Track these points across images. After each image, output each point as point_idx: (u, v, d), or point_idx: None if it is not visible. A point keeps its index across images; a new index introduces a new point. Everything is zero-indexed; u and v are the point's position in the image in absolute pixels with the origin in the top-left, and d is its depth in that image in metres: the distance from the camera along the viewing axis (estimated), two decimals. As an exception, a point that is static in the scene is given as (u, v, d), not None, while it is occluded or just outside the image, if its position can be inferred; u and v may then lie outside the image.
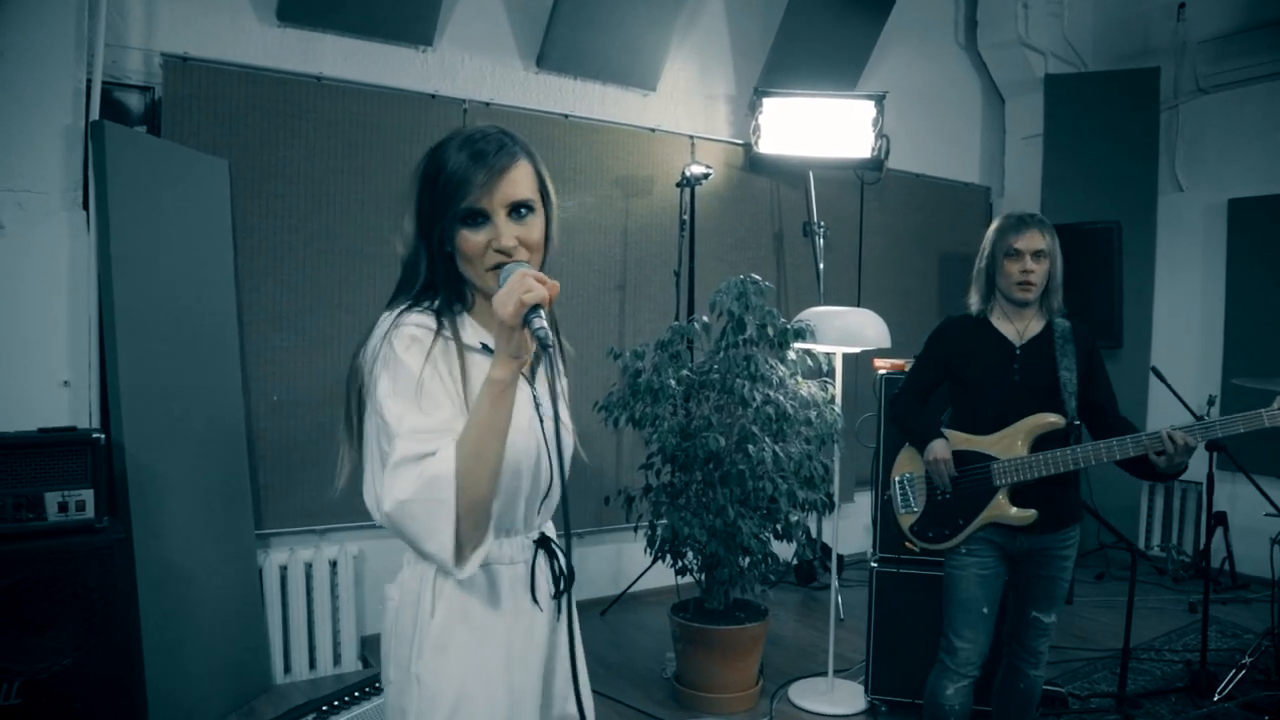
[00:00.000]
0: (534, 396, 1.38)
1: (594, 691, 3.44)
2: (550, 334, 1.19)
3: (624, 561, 4.66)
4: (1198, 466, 4.09)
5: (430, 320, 1.29)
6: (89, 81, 3.08)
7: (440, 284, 1.33)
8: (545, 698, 1.43)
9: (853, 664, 3.70)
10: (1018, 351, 2.56)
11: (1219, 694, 3.34)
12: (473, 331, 1.33)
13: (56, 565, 2.36)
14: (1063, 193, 5.71)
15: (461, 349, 1.30)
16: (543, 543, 1.42)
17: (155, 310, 3.05)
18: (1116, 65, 5.88)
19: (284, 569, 3.59)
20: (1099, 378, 2.59)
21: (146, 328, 2.99)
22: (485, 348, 1.32)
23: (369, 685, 2.44)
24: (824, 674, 3.54)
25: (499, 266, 1.28)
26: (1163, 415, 4.85)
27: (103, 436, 2.54)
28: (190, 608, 3.02)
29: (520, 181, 1.31)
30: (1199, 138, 5.64)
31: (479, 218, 1.28)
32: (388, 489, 1.19)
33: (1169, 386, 3.62)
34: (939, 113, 5.98)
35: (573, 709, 1.44)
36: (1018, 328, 2.61)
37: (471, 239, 1.28)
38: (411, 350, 1.25)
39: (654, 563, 3.52)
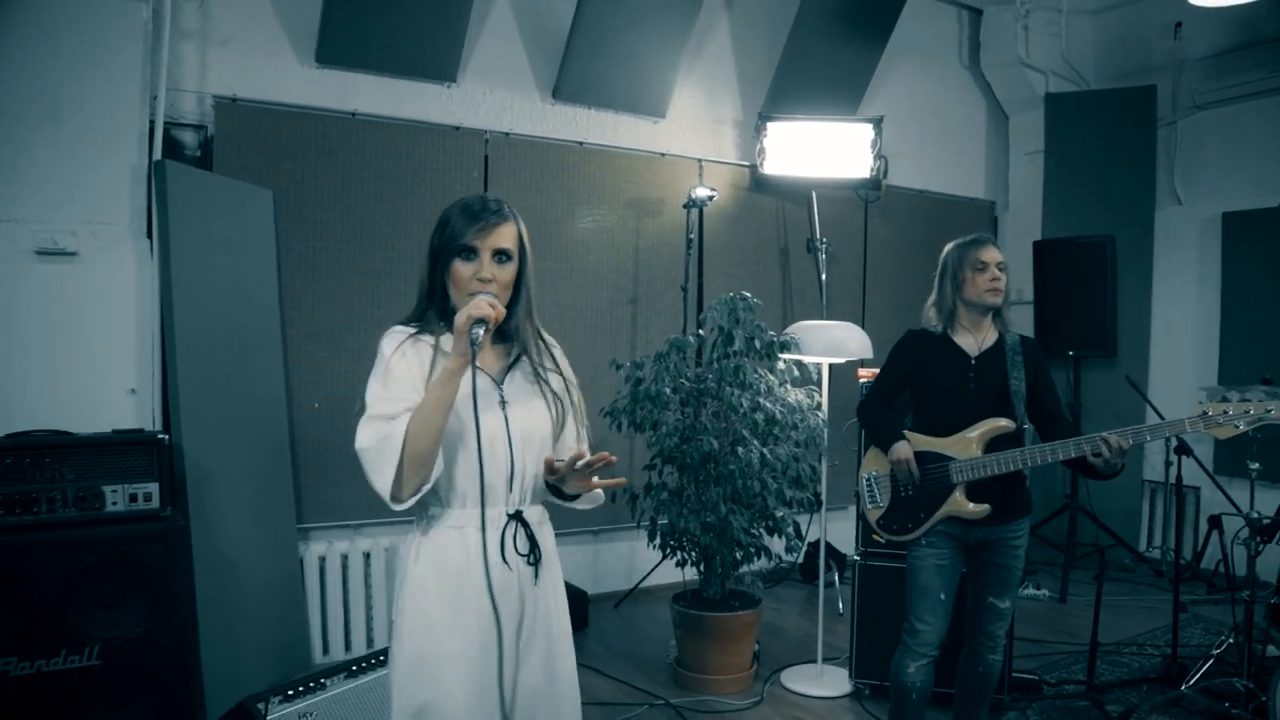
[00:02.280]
0: (502, 395, 1.74)
1: (602, 674, 3.79)
2: (479, 339, 1.59)
3: (636, 558, 4.98)
4: (1191, 471, 4.32)
5: (411, 329, 1.74)
6: (152, 124, 3.49)
7: (434, 308, 1.77)
8: (523, 650, 1.73)
9: (845, 653, 3.98)
10: (973, 361, 2.83)
11: (1186, 683, 3.56)
12: (449, 344, 1.68)
13: (128, 548, 2.73)
14: (1064, 206, 5.95)
15: (437, 354, 1.70)
16: (517, 517, 1.74)
17: (209, 326, 3.44)
18: (1116, 83, 6.09)
19: (322, 559, 3.97)
20: (1045, 385, 2.85)
21: (202, 342, 3.38)
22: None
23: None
24: (815, 661, 3.83)
25: (475, 294, 1.68)
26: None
27: (166, 437, 2.92)
28: (239, 591, 3.39)
29: (505, 235, 1.74)
30: (1197, 153, 5.82)
31: (471, 254, 1.71)
32: (358, 437, 1.63)
33: (1140, 393, 3.87)
34: (943, 130, 6.23)
35: (544, 669, 1.75)
36: (976, 339, 2.86)
37: (462, 268, 1.72)
38: (386, 346, 1.70)
39: (663, 559, 3.83)
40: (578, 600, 4.47)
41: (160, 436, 2.88)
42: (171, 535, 2.82)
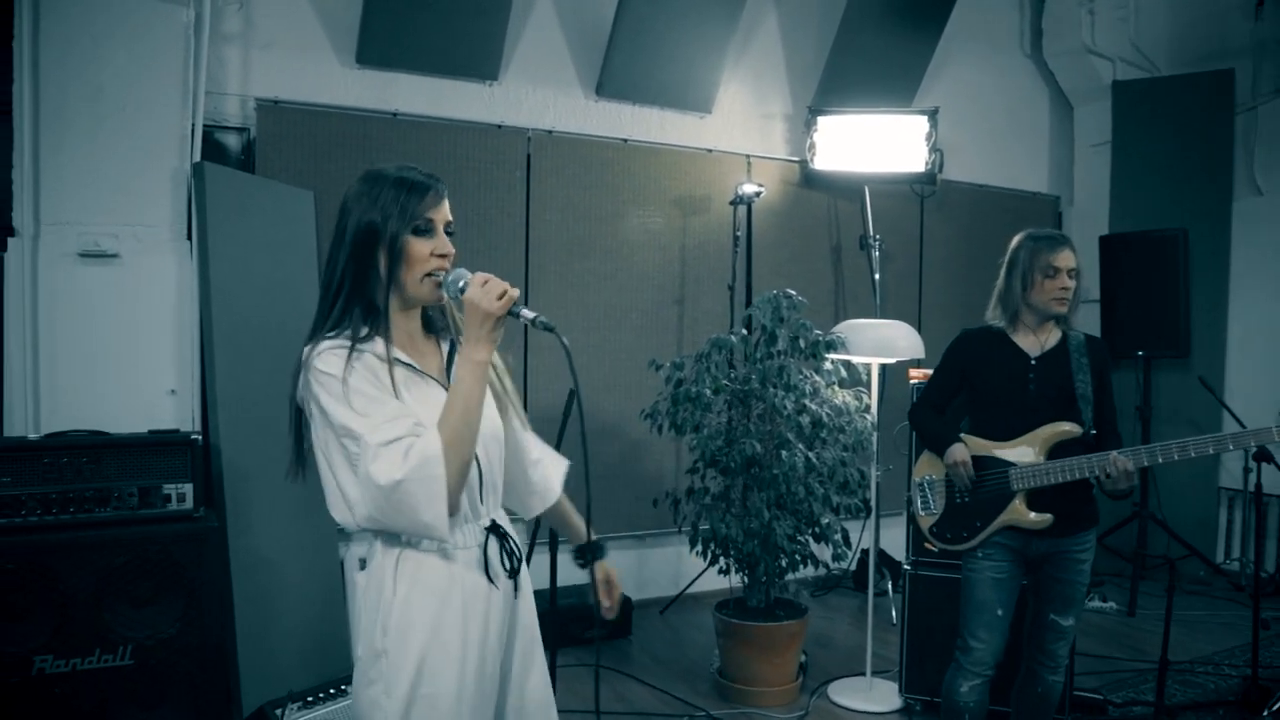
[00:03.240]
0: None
1: (642, 682, 3.69)
2: (538, 320, 1.46)
3: (683, 564, 4.85)
4: (1273, 479, 4.05)
5: (344, 343, 1.47)
6: (192, 127, 3.50)
7: (358, 307, 1.51)
8: (505, 668, 1.63)
9: (896, 666, 3.81)
10: (1033, 363, 2.66)
11: (1269, 709, 3.32)
12: (387, 350, 1.49)
13: (162, 548, 2.73)
14: (1132, 200, 5.67)
15: (391, 363, 1.48)
16: (494, 529, 1.61)
17: (249, 327, 3.43)
18: (1189, 68, 5.78)
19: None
20: (1106, 391, 2.67)
21: (241, 343, 3.37)
22: (404, 363, 1.52)
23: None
24: (864, 674, 3.67)
25: (433, 274, 1.51)
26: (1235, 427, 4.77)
27: (200, 437, 2.91)
28: (278, 592, 3.38)
29: (448, 209, 1.56)
30: (1279, 140, 5.49)
31: (427, 228, 1.51)
32: (378, 473, 1.38)
33: (1214, 395, 3.62)
34: (1003, 122, 6.00)
35: (526, 680, 1.66)
36: (1038, 339, 2.69)
37: (419, 245, 1.50)
38: (334, 364, 1.44)
39: (708, 566, 3.71)
40: (621, 606, 4.37)
41: (194, 437, 2.87)
42: (205, 535, 2.81)
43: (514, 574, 1.63)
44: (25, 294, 3.19)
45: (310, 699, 2.38)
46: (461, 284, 1.49)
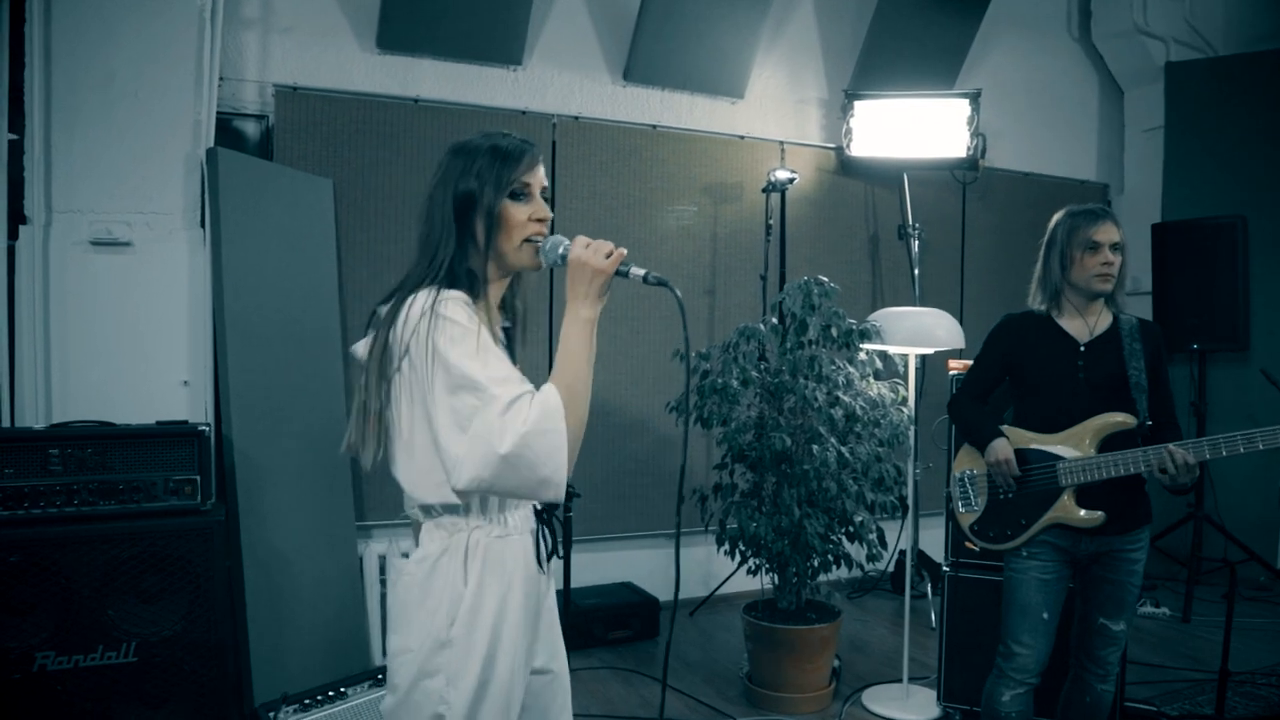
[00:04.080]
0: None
1: (670, 687, 3.56)
2: (653, 278, 1.49)
3: (714, 564, 4.69)
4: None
5: (467, 295, 1.46)
6: (207, 112, 3.43)
7: (462, 265, 1.49)
8: (530, 650, 1.60)
9: (935, 673, 3.63)
10: (1082, 348, 2.48)
11: (1337, 721, 3.10)
12: (487, 314, 1.48)
13: (167, 542, 2.65)
14: (1187, 187, 5.41)
15: (493, 327, 1.47)
16: (539, 515, 1.58)
17: (263, 317, 3.36)
18: (1248, 48, 5.50)
19: (383, 558, 3.85)
20: (1161, 381, 2.48)
21: (255, 333, 3.29)
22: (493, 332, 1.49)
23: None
24: (901, 681, 3.50)
25: (531, 240, 1.51)
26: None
27: (208, 428, 2.83)
28: (292, 589, 3.29)
29: (543, 174, 1.56)
30: (1346, 121, 5.20)
31: (524, 192, 1.51)
32: (505, 428, 1.34)
33: (1278, 386, 3.38)
34: (1050, 108, 5.76)
35: (547, 663, 1.65)
36: (1087, 323, 2.51)
37: (516, 210, 1.50)
38: (465, 313, 1.41)
39: (738, 567, 3.55)
40: (649, 607, 4.25)
41: (201, 428, 2.79)
42: (211, 530, 2.72)
43: (551, 557, 1.61)
44: (37, 282, 3.13)
45: (308, 700, 2.27)
46: (561, 249, 1.49)
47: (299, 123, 3.81)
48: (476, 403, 1.36)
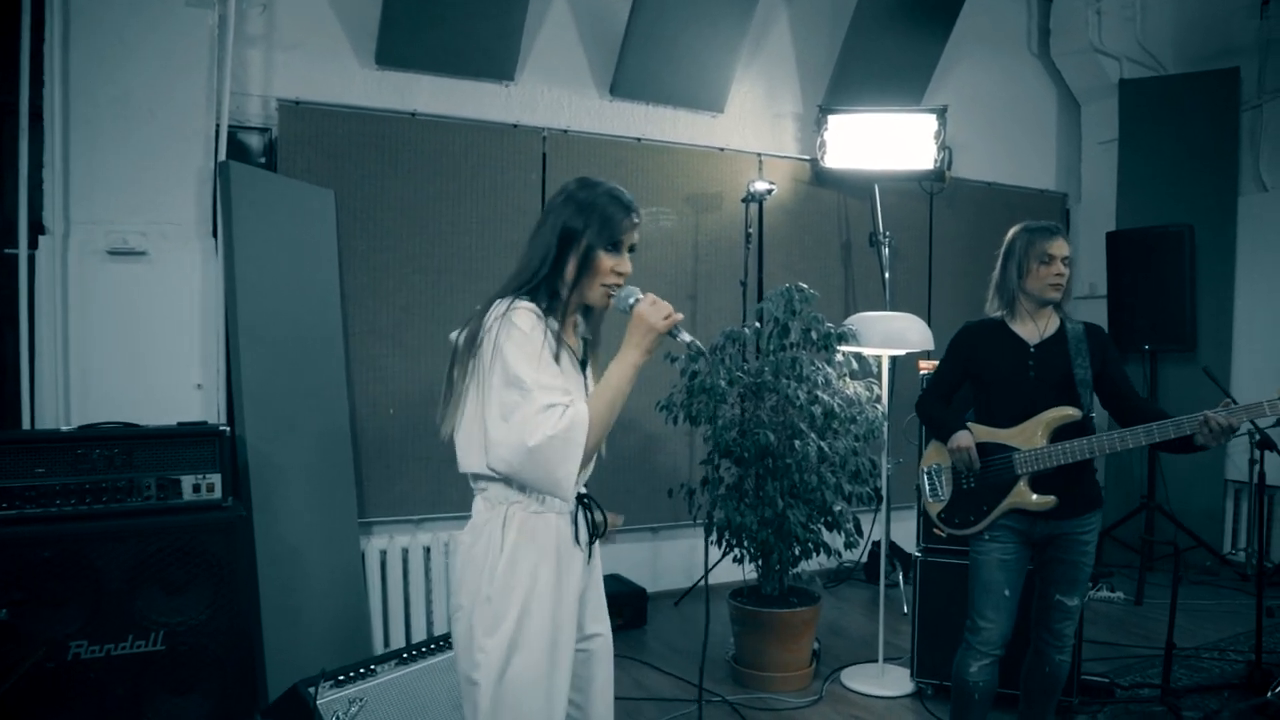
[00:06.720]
0: (585, 385, 1.81)
1: (660, 670, 3.77)
2: (692, 345, 1.74)
3: (696, 556, 4.91)
4: (1276, 471, 4.09)
5: (536, 306, 1.70)
6: (217, 127, 3.59)
7: (547, 287, 1.74)
8: (580, 620, 1.84)
9: (908, 654, 3.87)
10: (1032, 349, 2.73)
11: (1271, 690, 3.37)
12: (560, 332, 1.73)
13: (191, 537, 2.80)
14: (1139, 197, 5.71)
15: (561, 342, 1.71)
16: (581, 500, 1.83)
17: (273, 323, 3.52)
18: (1195, 67, 5.83)
19: (384, 553, 4.02)
20: (1115, 370, 2.74)
21: (265, 338, 3.46)
22: (569, 348, 1.76)
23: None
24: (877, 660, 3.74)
25: (611, 287, 1.76)
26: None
27: (228, 429, 2.99)
28: (302, 582, 3.46)
29: (637, 234, 1.82)
30: (1284, 137, 5.54)
31: (618, 247, 1.76)
32: (537, 427, 1.59)
33: (1219, 385, 3.65)
34: (1011, 121, 6.05)
35: (594, 628, 1.90)
36: (1038, 326, 2.76)
37: (606, 260, 1.75)
38: (530, 323, 1.66)
39: (723, 556, 3.78)
40: (637, 597, 4.46)
41: (222, 429, 2.95)
42: (233, 525, 2.88)
43: (593, 539, 1.84)
44: (56, 290, 3.27)
45: (341, 677, 2.45)
46: (632, 300, 1.74)
47: (301, 135, 3.97)
48: (520, 399, 1.61)
